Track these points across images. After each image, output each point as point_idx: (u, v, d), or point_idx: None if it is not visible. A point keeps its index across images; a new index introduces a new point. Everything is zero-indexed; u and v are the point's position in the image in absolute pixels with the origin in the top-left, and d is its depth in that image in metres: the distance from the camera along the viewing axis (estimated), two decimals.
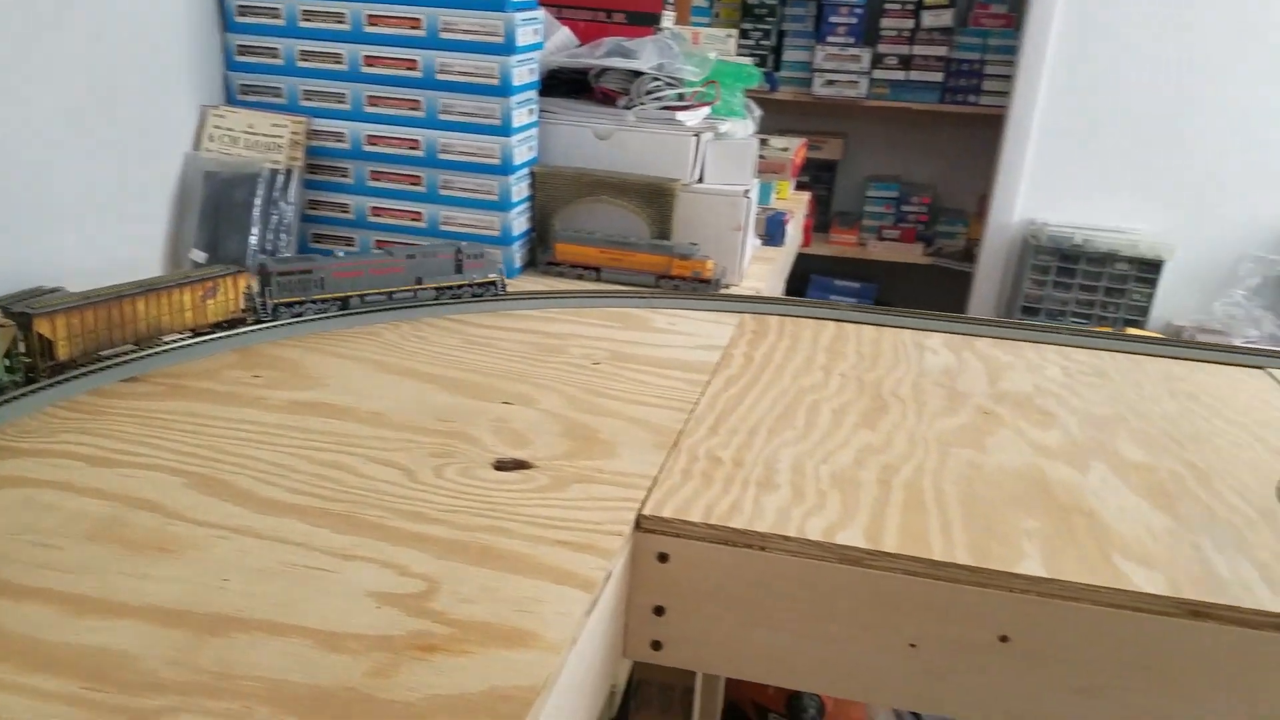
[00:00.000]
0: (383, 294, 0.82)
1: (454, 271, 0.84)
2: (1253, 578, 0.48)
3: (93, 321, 0.67)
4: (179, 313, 0.73)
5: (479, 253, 0.86)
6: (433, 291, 0.84)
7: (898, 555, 0.48)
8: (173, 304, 0.72)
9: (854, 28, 2.63)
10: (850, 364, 0.78)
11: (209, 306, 0.74)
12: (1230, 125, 2.28)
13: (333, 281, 0.80)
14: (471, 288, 0.85)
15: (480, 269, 0.86)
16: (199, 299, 0.74)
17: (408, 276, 0.83)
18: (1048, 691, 0.48)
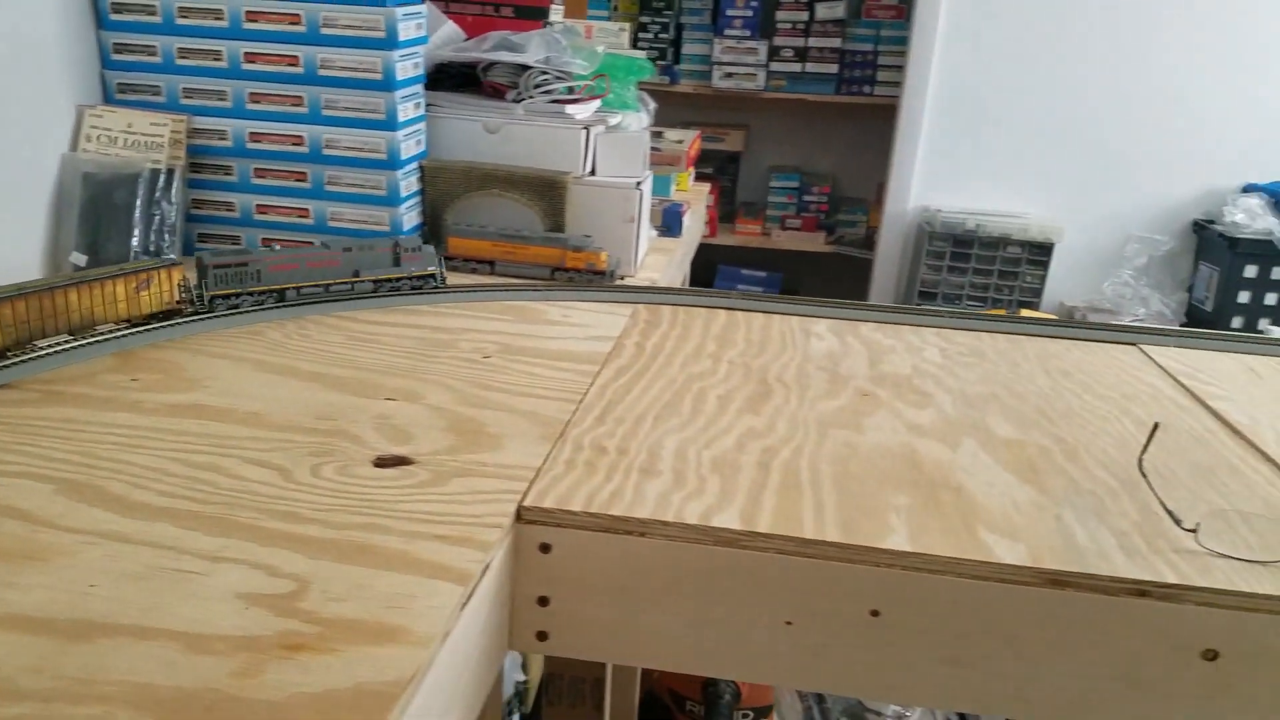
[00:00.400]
0: (319, 286, 0.82)
1: (392, 264, 0.84)
2: (1110, 546, 0.51)
3: (24, 312, 0.68)
4: (112, 304, 0.73)
5: (416, 245, 0.85)
6: (370, 284, 0.84)
7: (771, 535, 0.49)
8: (105, 295, 0.73)
9: (749, 20, 2.67)
10: (739, 351, 0.80)
11: (143, 298, 0.75)
12: (1113, 110, 2.39)
13: (269, 274, 0.80)
14: (410, 280, 0.85)
15: (418, 262, 0.85)
16: (133, 290, 0.74)
17: (344, 269, 0.83)
18: (918, 663, 0.49)
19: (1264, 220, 2.27)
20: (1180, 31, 2.32)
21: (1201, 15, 2.31)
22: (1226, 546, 0.50)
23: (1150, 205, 2.44)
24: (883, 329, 0.89)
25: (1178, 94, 2.37)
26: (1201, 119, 2.38)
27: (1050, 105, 2.40)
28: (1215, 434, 0.68)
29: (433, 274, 0.86)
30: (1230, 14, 2.30)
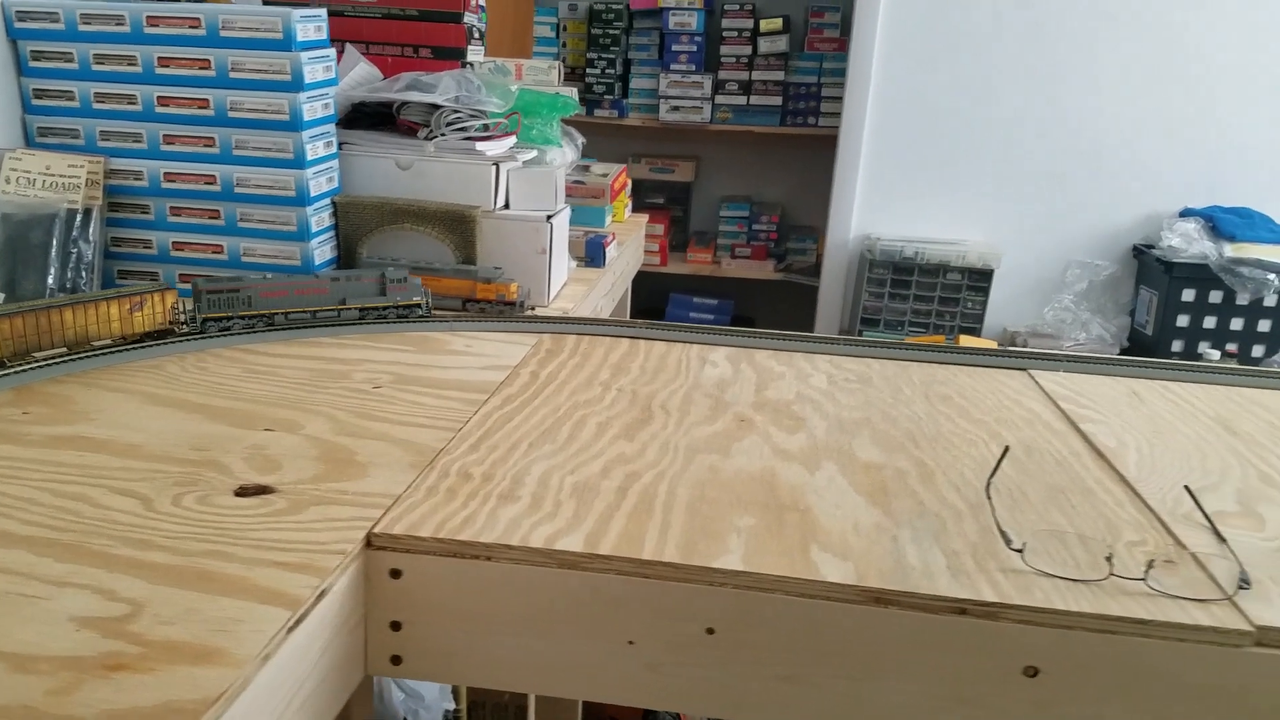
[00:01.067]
0: (307, 313, 0.86)
1: (378, 294, 0.89)
2: (939, 566, 0.53)
3: (22, 327, 0.75)
4: (106, 323, 0.80)
5: (403, 277, 0.90)
6: (356, 312, 0.88)
7: (611, 557, 0.51)
8: (100, 315, 0.79)
9: (694, 55, 2.72)
10: (631, 379, 0.82)
11: (136, 319, 0.81)
12: (1051, 137, 2.46)
13: (260, 300, 0.85)
14: (396, 309, 0.89)
15: (404, 292, 0.90)
16: (126, 311, 0.80)
17: (332, 297, 0.87)
18: (753, 680, 0.51)
19: (1200, 244, 2.33)
20: (1115, 60, 2.40)
21: (1136, 44, 2.39)
22: (1051, 565, 0.53)
23: (1090, 230, 2.50)
24: (778, 356, 0.91)
25: (1115, 120, 2.43)
26: (1139, 145, 2.44)
27: (988, 133, 2.47)
28: (1079, 456, 0.70)
29: (418, 304, 0.90)
30: (1164, 42, 2.37)
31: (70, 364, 0.76)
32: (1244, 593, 0.50)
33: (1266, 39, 2.33)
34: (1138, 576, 0.51)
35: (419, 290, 0.90)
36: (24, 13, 0.96)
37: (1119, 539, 0.57)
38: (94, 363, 0.77)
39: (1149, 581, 0.51)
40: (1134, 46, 2.39)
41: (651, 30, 2.77)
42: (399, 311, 0.89)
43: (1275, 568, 0.54)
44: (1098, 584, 0.51)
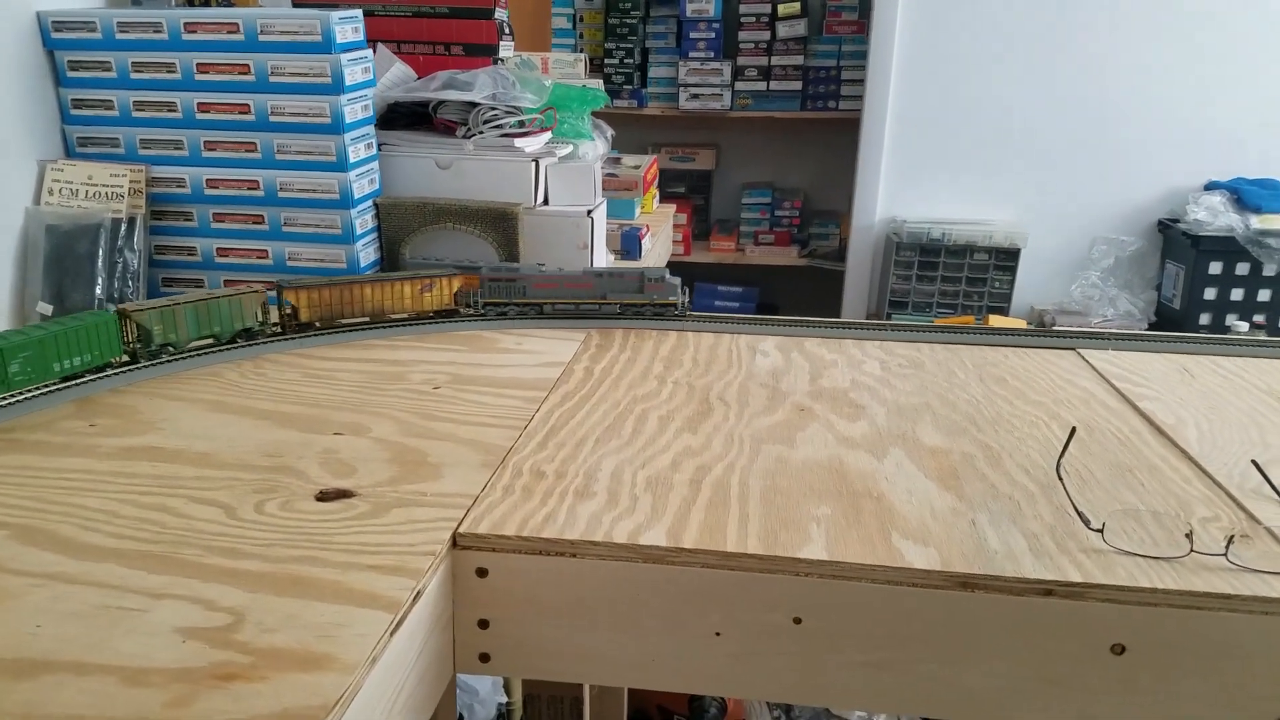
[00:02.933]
0: (572, 304, 0.92)
1: (637, 291, 0.93)
2: (1020, 548, 0.53)
3: (329, 297, 0.86)
4: (400, 300, 0.88)
5: (661, 276, 0.93)
6: (616, 306, 0.92)
7: (695, 550, 0.51)
8: (395, 293, 0.88)
9: (713, 42, 2.71)
10: (685, 371, 0.82)
11: (426, 298, 0.89)
12: (1071, 115, 2.43)
13: (533, 290, 0.91)
14: (653, 306, 0.93)
15: (661, 291, 0.93)
16: (418, 292, 0.89)
17: (595, 292, 0.92)
18: (841, 667, 0.52)
19: (1226, 217, 2.31)
20: (1136, 34, 2.37)
21: (1156, 19, 2.36)
22: (1131, 544, 0.53)
23: (1115, 206, 2.48)
24: (827, 344, 0.91)
25: (1137, 95, 2.41)
26: (1162, 119, 2.42)
27: (1010, 112, 2.45)
28: (1140, 434, 0.70)
29: (674, 303, 0.93)
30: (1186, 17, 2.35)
31: (129, 374, 0.77)
32: None
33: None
34: (1218, 552, 0.51)
35: (675, 290, 0.93)
36: (61, 23, 0.97)
37: (1192, 515, 0.57)
38: (150, 373, 0.78)
39: (1229, 556, 0.51)
40: (1155, 20, 2.36)
41: (669, 18, 2.76)
42: (655, 309, 0.93)
43: None
44: (1179, 561, 0.51)
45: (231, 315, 0.81)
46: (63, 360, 0.71)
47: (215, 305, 0.80)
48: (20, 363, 0.68)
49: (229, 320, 0.81)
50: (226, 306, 0.81)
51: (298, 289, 0.85)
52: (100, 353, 0.74)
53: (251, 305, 0.82)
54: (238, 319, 0.82)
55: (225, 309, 0.81)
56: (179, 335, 0.79)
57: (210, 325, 0.81)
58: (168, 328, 0.78)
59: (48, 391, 0.72)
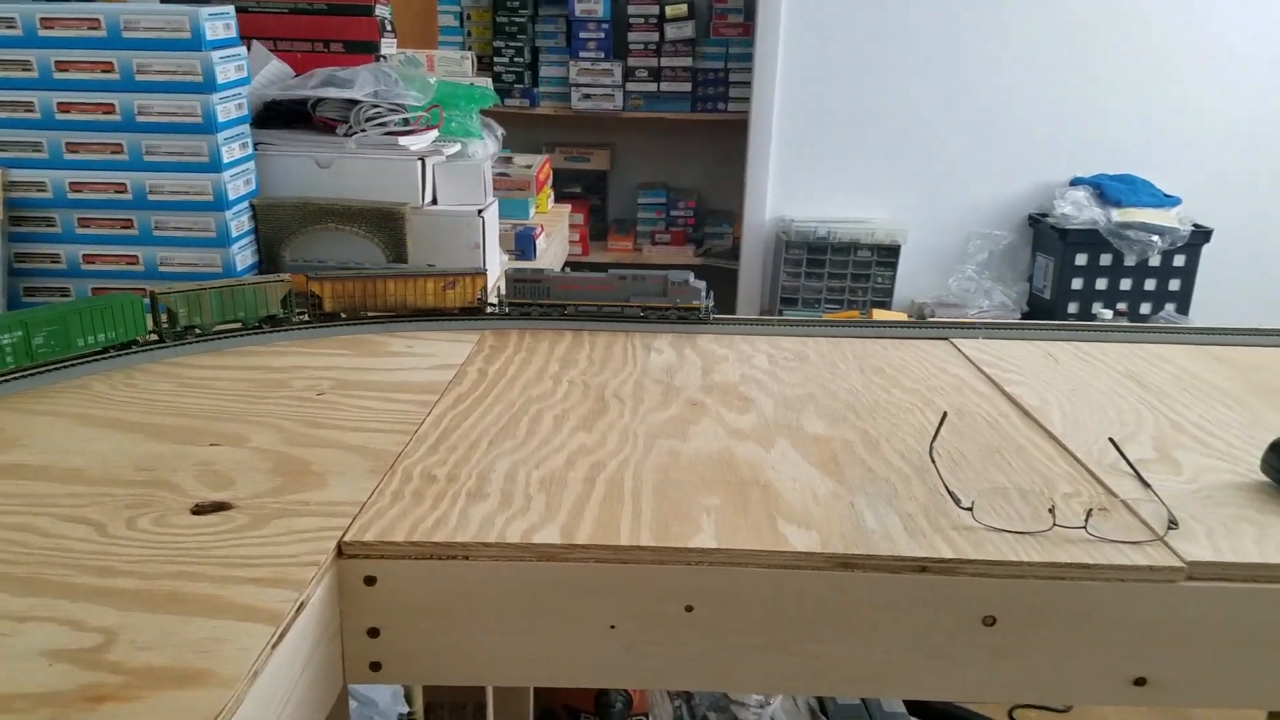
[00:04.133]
0: (594, 305, 0.93)
1: (660, 294, 0.93)
2: (896, 528, 0.55)
3: (352, 289, 0.88)
4: (422, 295, 0.90)
5: (685, 280, 0.93)
6: (639, 310, 0.93)
7: (589, 546, 0.52)
8: (418, 288, 0.89)
9: (602, 43, 2.72)
10: (580, 370, 0.82)
11: (449, 295, 0.91)
12: (948, 114, 2.55)
13: (557, 291, 0.92)
14: (676, 310, 0.93)
15: (685, 295, 0.93)
16: (440, 289, 0.90)
17: (619, 294, 0.93)
18: (731, 651, 0.53)
19: (1090, 211, 2.46)
20: (1008, 40, 2.50)
21: (1027, 26, 2.49)
22: (999, 521, 0.56)
23: (988, 202, 2.61)
24: (719, 340, 0.93)
25: (1009, 96, 2.54)
26: (1031, 119, 2.56)
27: (889, 114, 2.55)
28: (1008, 417, 0.74)
29: (696, 307, 0.93)
30: (1054, 25, 2.49)
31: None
32: (1173, 532, 0.55)
33: (1143, 19, 2.47)
34: (1078, 525, 0.55)
35: (698, 294, 0.93)
36: None
37: (1055, 492, 0.60)
38: (12, 386, 0.74)
39: (1089, 529, 0.55)
40: (1025, 27, 2.50)
41: (558, 17, 2.76)
42: (679, 313, 0.93)
43: (1197, 507, 0.58)
44: (1043, 535, 0.55)
45: (256, 302, 0.85)
46: (86, 336, 0.77)
47: (240, 292, 0.84)
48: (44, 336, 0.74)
49: (253, 307, 0.85)
50: (252, 294, 0.84)
51: (323, 280, 0.87)
52: (126, 330, 0.79)
53: (276, 293, 0.86)
54: (262, 306, 0.85)
55: (250, 296, 0.84)
56: (204, 318, 0.83)
57: (235, 310, 0.84)
58: (193, 310, 0.82)
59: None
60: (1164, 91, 2.51)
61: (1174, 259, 2.43)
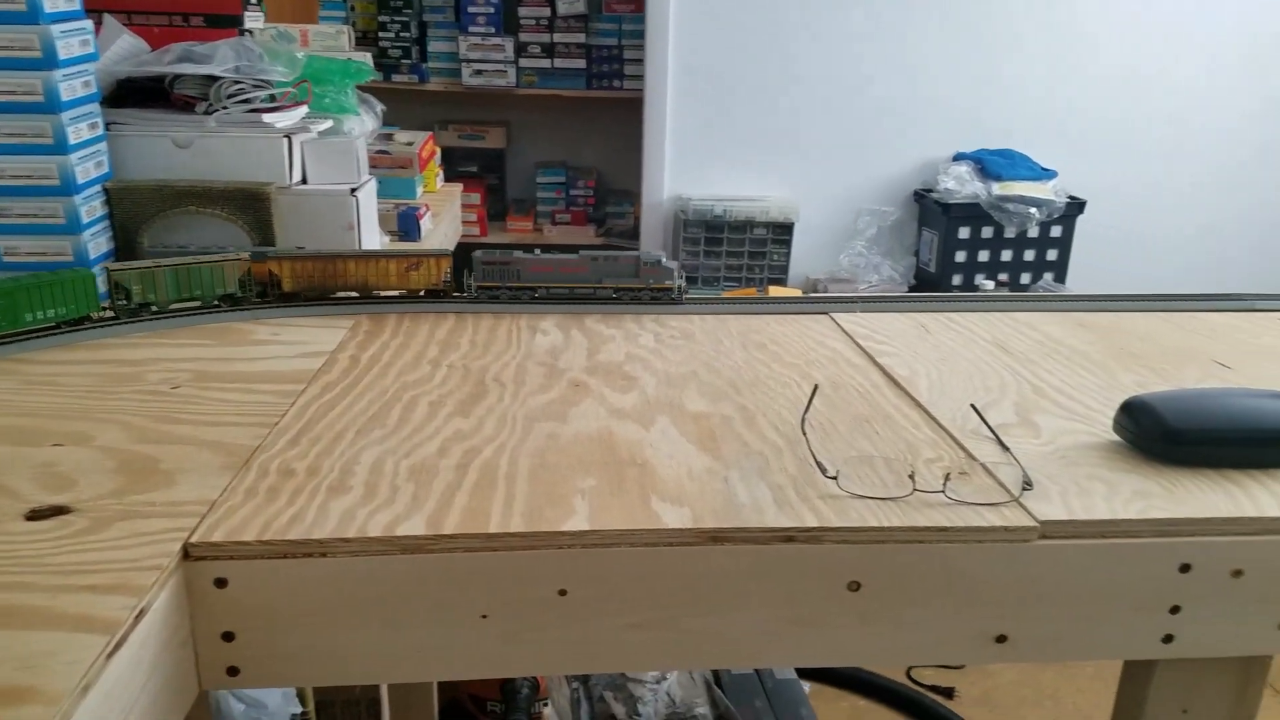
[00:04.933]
0: (566, 288, 0.92)
1: (633, 275, 0.92)
2: (766, 500, 0.56)
3: (312, 269, 0.86)
4: (384, 276, 0.89)
5: (657, 261, 0.93)
6: (611, 291, 0.92)
7: (457, 535, 0.51)
8: (379, 269, 0.88)
9: (492, 17, 2.67)
10: (461, 354, 0.80)
11: (413, 277, 0.89)
12: (837, 93, 2.60)
13: (528, 274, 0.91)
14: (650, 291, 0.92)
15: (657, 275, 0.92)
16: (403, 270, 0.88)
17: (591, 276, 0.92)
18: (604, 633, 0.53)
19: (971, 185, 2.55)
20: (892, 19, 2.56)
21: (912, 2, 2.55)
22: (862, 488, 0.57)
23: (875, 179, 2.68)
24: (607, 320, 0.92)
25: (893, 75, 2.60)
26: (915, 97, 2.63)
27: (781, 93, 2.58)
28: (879, 388, 0.76)
29: (669, 288, 0.92)
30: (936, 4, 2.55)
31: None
32: (1028, 493, 0.57)
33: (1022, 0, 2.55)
34: (937, 489, 0.57)
35: (671, 274, 0.92)
36: None
37: (919, 457, 0.62)
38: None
39: (947, 492, 0.56)
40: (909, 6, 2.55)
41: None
42: (653, 294, 0.92)
43: (1052, 468, 0.61)
44: (904, 500, 0.56)
45: (213, 281, 0.84)
46: (35, 311, 0.76)
47: (196, 271, 0.83)
48: None
49: (210, 285, 0.84)
50: (209, 273, 0.83)
51: (281, 259, 0.86)
52: (78, 306, 0.78)
53: (234, 272, 0.85)
54: (219, 284, 0.84)
55: (207, 275, 0.83)
56: (159, 296, 0.82)
57: (191, 289, 0.83)
58: (147, 288, 0.81)
59: None
60: (1040, 68, 2.61)
61: (1051, 230, 2.54)
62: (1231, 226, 2.76)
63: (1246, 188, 2.74)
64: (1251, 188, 2.74)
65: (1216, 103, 2.66)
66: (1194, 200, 2.73)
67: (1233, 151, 2.70)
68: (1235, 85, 2.64)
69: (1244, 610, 0.56)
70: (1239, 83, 2.64)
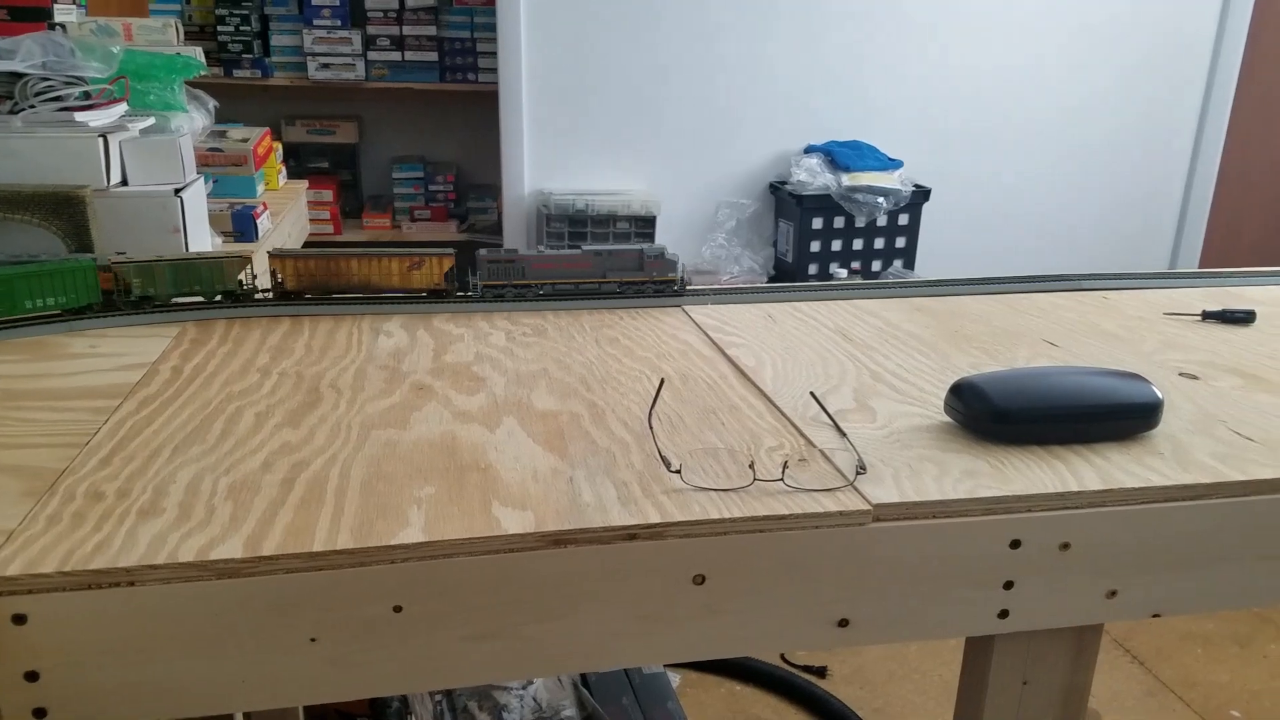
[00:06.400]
0: (572, 284, 0.92)
1: (636, 269, 0.93)
2: (611, 498, 0.55)
3: (315, 268, 0.86)
4: (387, 275, 0.89)
5: (660, 254, 0.94)
6: (615, 285, 0.93)
7: (278, 556, 0.48)
8: (382, 268, 0.88)
9: (338, 10, 2.57)
10: (295, 360, 0.77)
11: (415, 276, 0.89)
12: (692, 86, 2.63)
13: (532, 271, 0.91)
14: (653, 284, 0.94)
15: (660, 268, 0.94)
16: (405, 269, 0.89)
17: (595, 271, 0.92)
18: (445, 647, 0.51)
19: (823, 177, 2.63)
20: (747, 13, 2.61)
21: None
22: (705, 480, 0.58)
23: (733, 172, 2.73)
24: (456, 319, 0.90)
25: (747, 68, 2.66)
26: (769, 90, 2.69)
27: (639, 86, 2.59)
28: (727, 379, 0.77)
29: (671, 280, 0.94)
30: None
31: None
32: (862, 477, 0.58)
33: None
34: (776, 478, 0.58)
35: (673, 266, 0.94)
36: None
37: (761, 447, 0.63)
38: None
39: (786, 480, 0.57)
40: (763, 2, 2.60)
41: None
42: (655, 286, 0.94)
43: (886, 452, 0.63)
44: (745, 490, 0.57)
45: (212, 277, 0.84)
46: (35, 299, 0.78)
47: (195, 266, 0.83)
48: None
49: (209, 281, 0.84)
50: (207, 269, 0.84)
51: (284, 258, 0.86)
52: (78, 296, 0.80)
53: (234, 269, 0.85)
54: (219, 281, 0.84)
55: (205, 271, 0.83)
56: (158, 289, 0.82)
57: (190, 284, 0.83)
58: (147, 281, 0.82)
59: None
60: (886, 61, 2.72)
61: (899, 218, 2.66)
62: (1062, 210, 2.96)
63: (1074, 174, 2.94)
64: (1078, 173, 2.94)
65: (1044, 95, 2.84)
66: (1027, 186, 2.91)
67: (1059, 140, 2.89)
68: (1059, 78, 2.83)
69: (1074, 582, 0.59)
70: (1063, 75, 2.83)
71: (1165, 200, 3.01)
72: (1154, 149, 2.94)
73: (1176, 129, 2.93)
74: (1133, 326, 0.93)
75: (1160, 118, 2.91)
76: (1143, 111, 2.89)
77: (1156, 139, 2.93)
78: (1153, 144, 2.93)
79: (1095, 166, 2.93)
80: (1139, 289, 1.07)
